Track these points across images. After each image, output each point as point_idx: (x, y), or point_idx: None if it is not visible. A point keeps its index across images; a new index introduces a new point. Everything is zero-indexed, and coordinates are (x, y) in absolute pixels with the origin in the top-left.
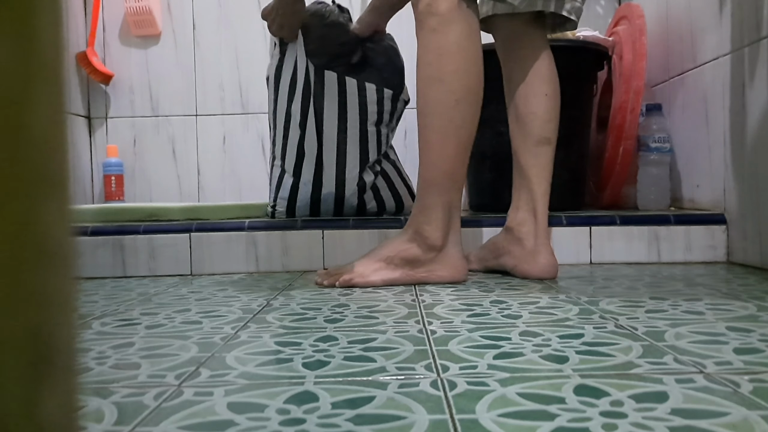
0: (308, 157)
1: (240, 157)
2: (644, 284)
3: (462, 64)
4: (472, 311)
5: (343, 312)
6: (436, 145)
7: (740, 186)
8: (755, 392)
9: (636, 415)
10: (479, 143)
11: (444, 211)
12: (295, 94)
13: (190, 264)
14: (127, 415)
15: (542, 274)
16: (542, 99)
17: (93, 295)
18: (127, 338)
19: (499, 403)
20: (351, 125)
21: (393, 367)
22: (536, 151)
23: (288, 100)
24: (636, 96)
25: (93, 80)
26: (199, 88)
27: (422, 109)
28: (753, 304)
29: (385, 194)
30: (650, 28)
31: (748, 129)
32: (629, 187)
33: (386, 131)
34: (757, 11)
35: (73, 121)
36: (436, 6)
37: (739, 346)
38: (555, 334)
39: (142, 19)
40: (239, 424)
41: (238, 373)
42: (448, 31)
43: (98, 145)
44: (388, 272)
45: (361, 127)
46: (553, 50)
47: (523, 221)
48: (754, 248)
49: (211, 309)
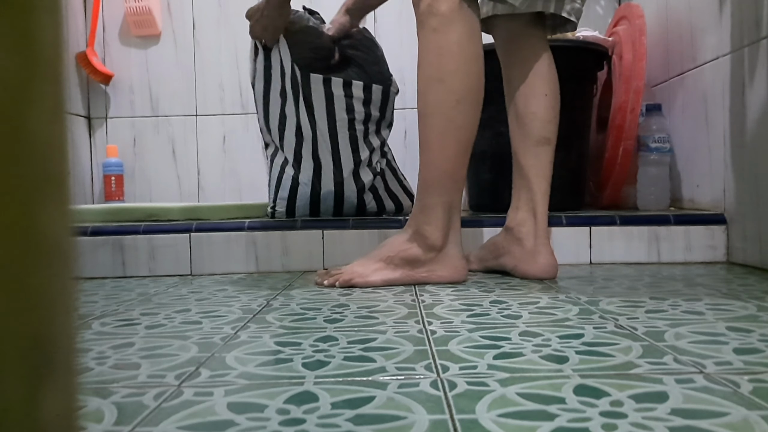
0: (306, 158)
1: (240, 157)
2: (644, 284)
3: (463, 64)
4: (472, 311)
5: (343, 312)
6: (437, 145)
7: (740, 186)
8: (755, 392)
9: (636, 415)
10: (479, 143)
11: (444, 211)
12: (287, 95)
13: (190, 264)
14: (127, 415)
15: (542, 274)
16: (542, 99)
17: (93, 295)
18: (127, 338)
19: (499, 403)
20: (340, 125)
21: (393, 367)
22: (536, 152)
23: (281, 103)
24: (636, 96)
25: (93, 80)
26: (199, 88)
27: (423, 109)
28: (753, 304)
29: (383, 194)
30: (650, 28)
31: (748, 129)
32: (629, 187)
33: (374, 128)
34: (757, 11)
35: (73, 121)
36: (437, 6)
37: (739, 346)
38: (555, 334)
39: (142, 19)
40: (239, 424)
41: (238, 373)
42: (449, 31)
43: (98, 145)
44: (388, 272)
45: (349, 125)
46: (553, 50)
47: (522, 221)
48: (754, 248)
49: (211, 309)
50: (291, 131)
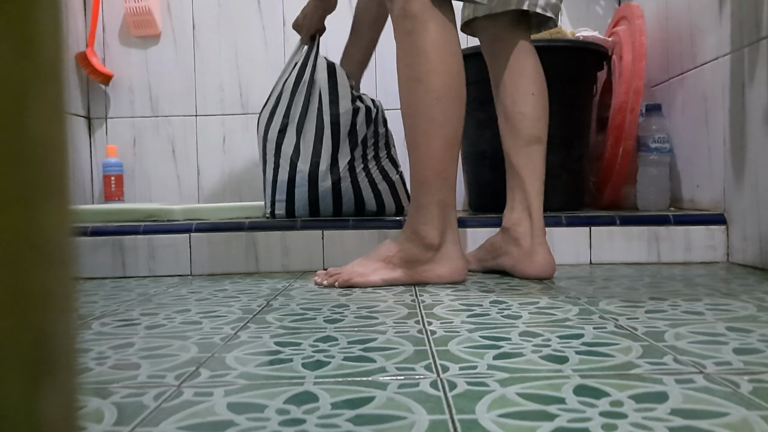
0: (303, 156)
1: (240, 158)
2: (644, 284)
3: (439, 63)
4: (472, 311)
5: (343, 312)
6: (423, 145)
7: (740, 186)
8: (755, 392)
9: (636, 415)
10: (479, 143)
11: (439, 210)
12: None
13: (190, 264)
14: (127, 416)
15: (540, 274)
16: (530, 98)
17: (93, 295)
18: (127, 338)
19: (498, 403)
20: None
21: (393, 367)
22: (528, 151)
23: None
24: (636, 96)
25: (93, 80)
26: (198, 89)
27: (405, 110)
28: (753, 304)
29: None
30: (650, 28)
31: (748, 129)
32: (629, 188)
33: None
34: (757, 11)
35: (73, 121)
36: (410, 8)
37: (738, 346)
38: (555, 335)
39: (142, 19)
40: (239, 424)
41: (237, 374)
42: (423, 32)
43: (98, 146)
44: (387, 272)
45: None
46: (553, 50)
47: (518, 221)
48: (754, 248)
49: (210, 309)
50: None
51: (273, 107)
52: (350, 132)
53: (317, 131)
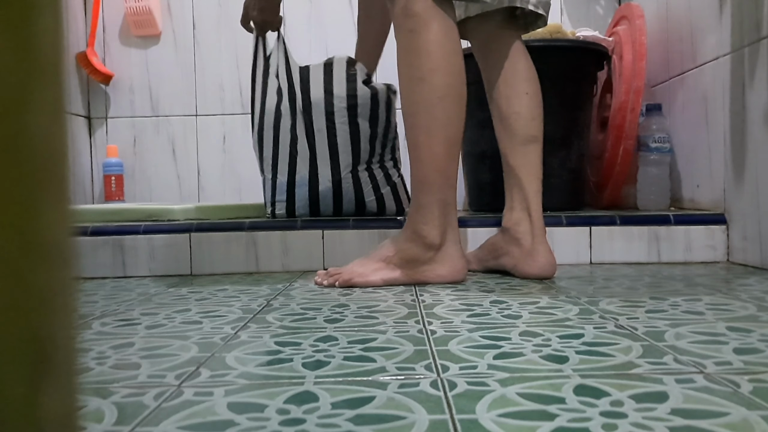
0: (301, 156)
1: (240, 157)
2: (644, 284)
3: (442, 61)
4: (472, 311)
5: (343, 312)
6: (424, 144)
7: (740, 186)
8: (755, 392)
9: (636, 415)
10: (479, 143)
11: (439, 209)
12: (282, 92)
13: (190, 264)
14: (127, 415)
15: (541, 273)
16: (524, 98)
17: (93, 295)
18: (127, 338)
19: (499, 403)
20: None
21: (393, 367)
22: (524, 151)
23: (277, 98)
24: (636, 96)
25: (93, 80)
26: (199, 88)
27: (407, 109)
28: (753, 304)
29: (385, 191)
30: (650, 28)
31: (748, 129)
32: (629, 187)
33: (381, 130)
34: (757, 11)
35: (73, 121)
36: (412, 7)
37: (739, 346)
38: (555, 334)
39: (142, 19)
40: (239, 424)
41: (238, 373)
42: (425, 31)
43: (98, 145)
44: (387, 272)
45: (350, 120)
46: (553, 50)
47: (518, 221)
48: (754, 248)
49: (211, 309)
50: (285, 130)
51: (261, 109)
52: (351, 131)
53: (317, 131)
